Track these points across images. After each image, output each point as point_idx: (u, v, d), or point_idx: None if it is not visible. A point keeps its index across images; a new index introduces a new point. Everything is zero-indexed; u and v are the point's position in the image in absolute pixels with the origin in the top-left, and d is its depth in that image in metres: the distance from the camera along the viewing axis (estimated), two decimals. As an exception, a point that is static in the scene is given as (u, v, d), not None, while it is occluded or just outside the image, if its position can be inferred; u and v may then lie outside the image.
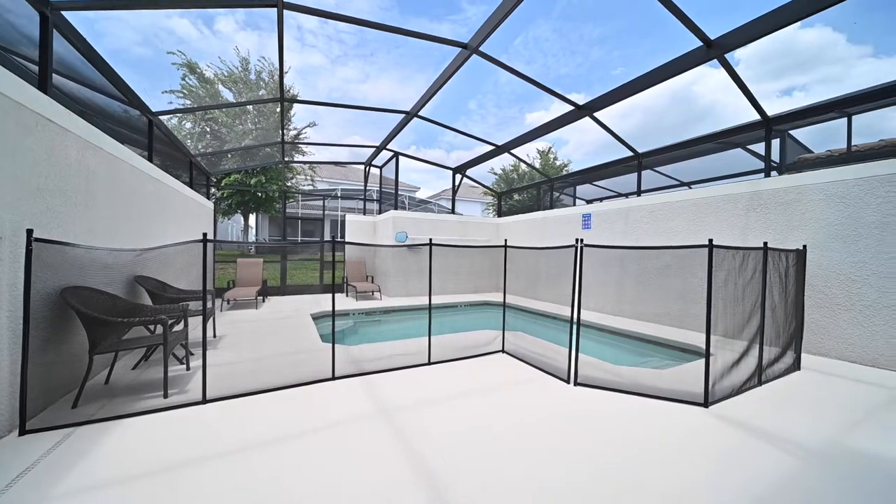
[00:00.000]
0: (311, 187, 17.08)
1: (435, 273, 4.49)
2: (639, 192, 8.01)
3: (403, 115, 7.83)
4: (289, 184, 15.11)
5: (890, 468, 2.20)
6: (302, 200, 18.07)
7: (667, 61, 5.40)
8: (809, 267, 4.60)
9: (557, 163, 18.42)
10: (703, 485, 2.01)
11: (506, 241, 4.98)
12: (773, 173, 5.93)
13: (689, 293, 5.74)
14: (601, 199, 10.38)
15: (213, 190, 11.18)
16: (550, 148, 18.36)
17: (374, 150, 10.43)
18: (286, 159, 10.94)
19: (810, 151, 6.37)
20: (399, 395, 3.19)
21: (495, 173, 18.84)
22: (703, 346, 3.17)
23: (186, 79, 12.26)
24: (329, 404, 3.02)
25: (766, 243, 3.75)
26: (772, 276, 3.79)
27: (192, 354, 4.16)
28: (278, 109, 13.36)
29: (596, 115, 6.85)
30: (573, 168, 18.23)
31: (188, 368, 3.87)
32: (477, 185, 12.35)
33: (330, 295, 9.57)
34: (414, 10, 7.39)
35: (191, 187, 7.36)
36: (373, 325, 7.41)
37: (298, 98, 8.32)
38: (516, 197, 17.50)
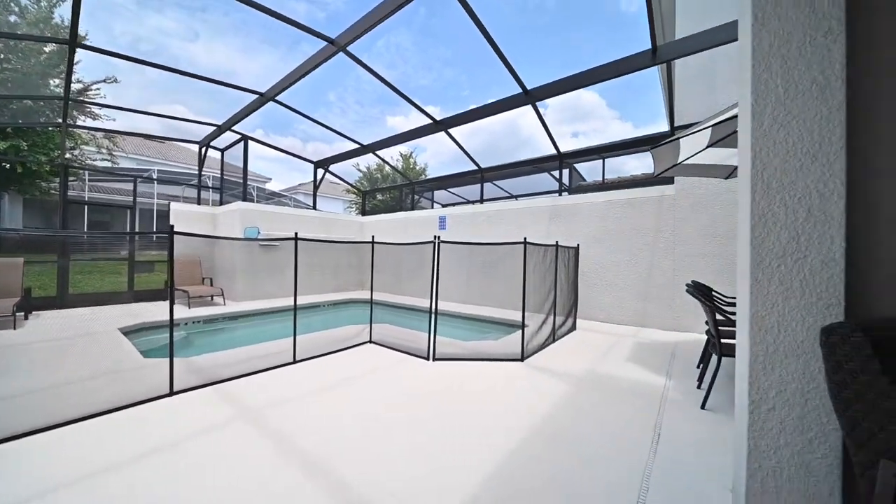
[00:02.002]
0: (109, 164, 12.83)
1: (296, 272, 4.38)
2: (482, 200, 9.64)
3: (257, 97, 7.06)
4: (69, 155, 10.99)
5: (615, 381, 3.65)
6: (91, 180, 13.36)
7: (498, 99, 6.81)
8: (581, 259, 6.73)
9: (417, 167, 19.72)
10: (519, 406, 2.89)
11: (373, 237, 5.29)
12: (565, 193, 8.28)
13: (513, 280, 7.40)
14: (454, 204, 11.88)
15: None
16: (412, 153, 19.51)
17: (214, 129, 8.87)
18: (68, 122, 8.02)
19: (584, 180, 9.18)
20: (262, 397, 3.08)
21: (360, 170, 18.68)
22: (521, 320, 4.33)
23: None
24: (171, 420, 2.66)
25: (557, 242, 5.35)
26: (560, 266, 5.41)
27: None
28: (47, 49, 9.67)
29: (450, 130, 7.92)
30: (430, 173, 19.88)
31: None
32: (339, 181, 12.08)
33: (147, 304, 7.65)
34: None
35: None
36: (216, 334, 6.41)
37: (89, 43, 6.17)
38: (380, 197, 17.84)
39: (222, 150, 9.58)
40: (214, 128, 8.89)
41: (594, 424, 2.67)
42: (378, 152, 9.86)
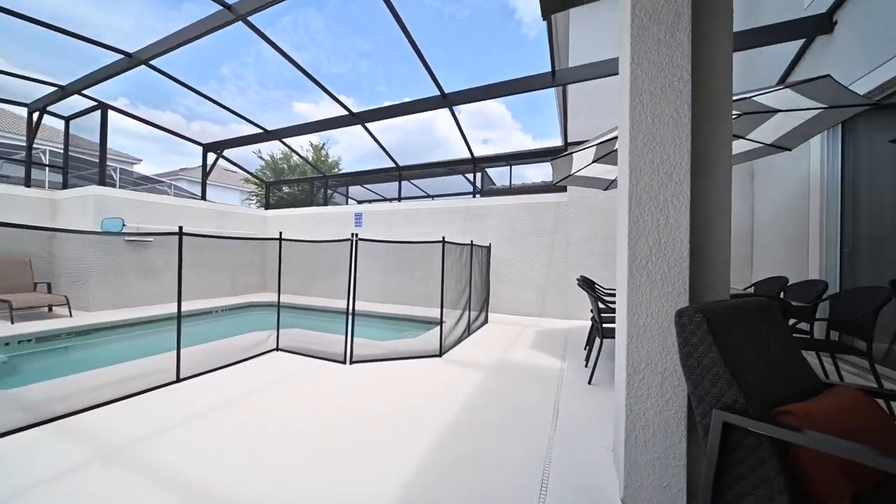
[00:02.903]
0: None
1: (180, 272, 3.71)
2: (399, 199, 9.57)
3: (123, 58, 5.72)
4: None
5: (522, 367, 4.01)
6: None
7: (416, 98, 6.84)
8: (493, 257, 7.23)
9: (330, 160, 18.54)
10: (438, 400, 2.96)
11: (280, 234, 4.80)
12: (478, 195, 8.77)
13: (431, 278, 7.57)
14: (370, 201, 11.53)
15: None
16: (324, 144, 18.24)
17: (55, 90, 6.89)
18: None
19: (494, 184, 9.88)
20: (131, 429, 2.52)
21: (263, 158, 16.68)
22: (439, 316, 4.45)
23: None
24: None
25: (472, 241, 5.64)
26: (475, 264, 5.73)
27: None
28: None
29: (367, 125, 7.65)
30: (344, 167, 18.90)
31: None
32: (236, 169, 10.62)
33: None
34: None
35: None
36: (59, 356, 5.01)
37: None
38: (287, 189, 16.24)
39: (67, 119, 7.50)
40: (55, 88, 6.93)
41: (506, 408, 2.90)
42: (285, 140, 8.97)
